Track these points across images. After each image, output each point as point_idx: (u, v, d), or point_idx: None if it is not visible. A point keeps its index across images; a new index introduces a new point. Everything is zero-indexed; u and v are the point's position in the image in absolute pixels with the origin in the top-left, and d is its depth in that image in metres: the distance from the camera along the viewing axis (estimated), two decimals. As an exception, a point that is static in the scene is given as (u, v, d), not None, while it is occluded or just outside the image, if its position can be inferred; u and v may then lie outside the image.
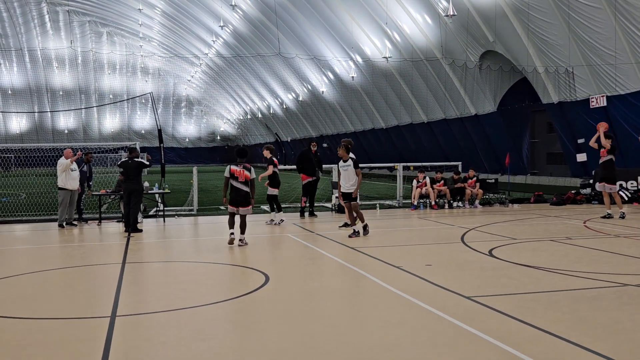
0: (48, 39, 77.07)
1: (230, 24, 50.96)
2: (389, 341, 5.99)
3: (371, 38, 39.07)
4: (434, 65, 35.66)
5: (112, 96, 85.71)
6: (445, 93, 36.90)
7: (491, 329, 6.24)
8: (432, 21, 33.24)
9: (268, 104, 67.72)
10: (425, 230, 14.85)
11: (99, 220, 17.15)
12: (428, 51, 35.05)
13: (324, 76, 49.53)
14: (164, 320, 6.93)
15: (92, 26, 77.37)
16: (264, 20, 46.30)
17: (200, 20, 55.16)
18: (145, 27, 66.42)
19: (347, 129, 54.25)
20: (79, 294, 8.56)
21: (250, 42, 52.21)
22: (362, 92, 46.22)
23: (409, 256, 10.92)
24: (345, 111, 51.97)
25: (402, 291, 8.00)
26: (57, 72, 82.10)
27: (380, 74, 41.34)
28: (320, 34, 42.86)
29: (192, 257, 11.57)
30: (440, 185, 20.09)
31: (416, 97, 40.32)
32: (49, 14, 74.19)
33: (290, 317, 7.03)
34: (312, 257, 10.97)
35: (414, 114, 42.18)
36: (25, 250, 13.04)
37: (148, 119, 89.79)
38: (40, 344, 6.10)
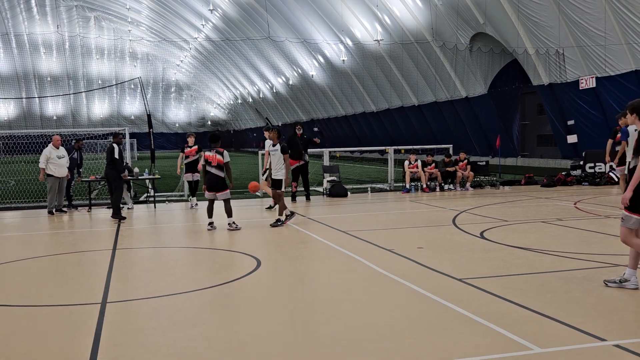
0: (35, 24, 76.26)
1: (220, 7, 50.58)
2: (380, 323, 5.98)
3: (361, 21, 38.87)
4: (424, 48, 35.55)
5: (101, 81, 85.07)
6: (435, 76, 36.83)
7: (482, 311, 6.25)
8: (422, 3, 33.08)
9: (258, 88, 67.43)
10: (416, 213, 14.85)
11: (89, 207, 17.06)
12: (418, 34, 34.91)
13: (314, 60, 49.31)
14: (155, 306, 6.90)
15: (80, 11, 76.63)
16: (253, 3, 45.97)
17: (189, 4, 54.70)
18: (134, 11, 65.82)
19: (337, 113, 54.14)
20: (69, 281, 8.51)
21: (240, 26, 51.84)
22: (352, 76, 46.06)
23: (400, 239, 10.92)
24: (335, 95, 51.83)
25: (393, 274, 8.00)
26: (44, 58, 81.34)
27: (370, 57, 41.18)
28: (310, 17, 42.60)
29: (183, 242, 11.53)
30: (432, 168, 20.09)
31: (407, 80, 40.24)
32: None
33: (282, 300, 7.02)
34: (303, 241, 10.95)
35: (404, 97, 42.12)
36: (15, 238, 12.94)
37: (137, 104, 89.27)
38: (30, 332, 6.05)
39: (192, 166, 16.86)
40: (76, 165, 17.44)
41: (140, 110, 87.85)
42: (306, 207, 16.58)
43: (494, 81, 34.53)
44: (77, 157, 17.39)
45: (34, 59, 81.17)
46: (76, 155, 17.35)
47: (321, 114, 57.94)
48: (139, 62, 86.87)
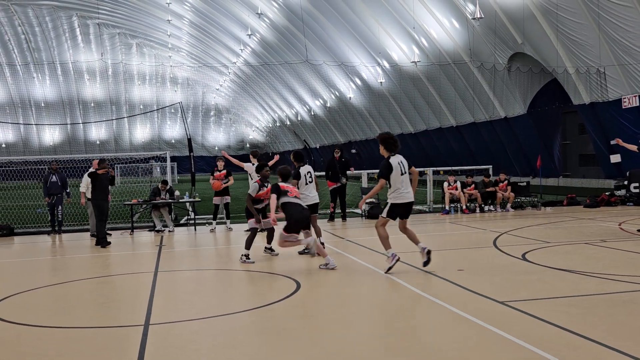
0: (79, 52, 78.45)
1: (258, 32, 51.32)
2: (421, 347, 5.93)
3: (398, 43, 38.98)
4: (462, 69, 35.43)
5: (143, 106, 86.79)
6: (473, 96, 36.62)
7: (526, 334, 6.14)
8: (459, 24, 33.04)
9: (296, 111, 67.93)
10: (456, 235, 14.71)
11: (131, 230, 17.34)
12: (456, 54, 34.82)
13: (351, 82, 49.53)
14: (197, 328, 6.97)
15: (122, 38, 78.56)
16: (291, 27, 46.52)
17: (227, 30, 55.64)
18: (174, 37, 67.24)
19: (375, 134, 54.12)
20: (113, 303, 8.66)
21: (278, 49, 52.47)
22: (389, 97, 46.09)
23: (440, 261, 10.82)
24: (373, 116, 51.89)
25: (434, 297, 7.92)
26: (88, 84, 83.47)
27: (407, 78, 41.19)
28: (347, 40, 42.90)
29: (223, 265, 11.62)
30: (471, 189, 19.91)
31: (444, 101, 40.08)
32: (79, 27, 75.54)
33: (323, 323, 7.02)
34: (343, 264, 10.94)
35: (442, 118, 41.94)
36: (60, 260, 13.24)
37: (178, 128, 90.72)
38: (77, 353, 6.17)
39: (221, 190, 17.01)
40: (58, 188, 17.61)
41: (181, 134, 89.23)
42: (344, 228, 16.58)
43: (533, 101, 34.15)
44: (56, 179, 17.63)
45: (78, 86, 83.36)
46: (55, 179, 17.61)
47: (359, 135, 58.01)
48: (180, 87, 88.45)
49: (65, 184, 17.75)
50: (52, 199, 17.48)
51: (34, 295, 9.11)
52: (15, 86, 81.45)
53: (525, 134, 34.94)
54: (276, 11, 46.27)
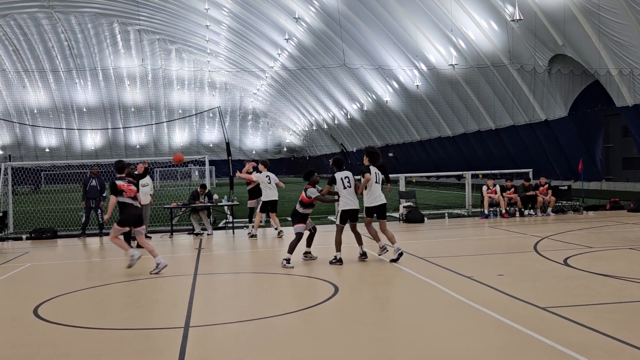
0: (120, 58, 79.94)
1: (295, 36, 51.54)
2: (460, 353, 5.87)
3: (436, 46, 38.71)
4: (501, 71, 35.00)
5: (181, 111, 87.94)
6: (513, 99, 36.14)
7: (568, 341, 6.03)
8: (498, 26, 32.66)
9: (333, 114, 67.98)
10: (496, 239, 14.52)
11: (171, 233, 17.56)
12: (494, 57, 34.43)
13: (388, 85, 49.37)
14: (236, 330, 7.02)
15: (162, 44, 79.77)
16: (328, 31, 46.61)
17: (265, 34, 56.02)
18: (212, 42, 67.98)
19: (412, 138, 53.84)
20: (154, 305, 8.77)
21: (315, 53, 52.62)
22: (427, 100, 45.80)
23: (480, 266, 10.70)
24: (410, 120, 51.62)
25: (474, 301, 7.83)
26: (128, 89, 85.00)
27: (445, 81, 40.87)
28: (384, 43, 42.78)
29: (261, 268, 11.68)
30: (511, 193, 19.64)
31: (483, 104, 39.65)
32: (120, 33, 76.97)
33: (361, 328, 6.99)
34: (380, 268, 10.90)
35: (481, 121, 41.48)
36: (101, 263, 13.49)
37: (216, 132, 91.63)
38: (118, 354, 6.27)
39: (256, 192, 16.97)
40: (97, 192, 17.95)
41: (219, 138, 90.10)
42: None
43: (574, 103, 33.54)
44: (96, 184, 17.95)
45: (119, 91, 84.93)
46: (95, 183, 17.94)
47: (396, 139, 57.75)
48: (218, 92, 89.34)
49: (103, 189, 18.10)
50: (92, 202, 17.81)
51: (76, 297, 9.29)
52: (58, 92, 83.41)
53: (567, 136, 34.33)
54: (313, 15, 46.42)
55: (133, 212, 11.44)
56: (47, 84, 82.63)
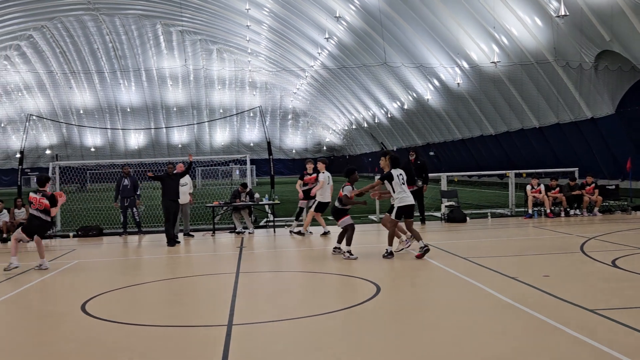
0: (162, 59, 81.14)
1: (335, 35, 51.52)
2: (505, 355, 5.77)
3: (478, 43, 38.21)
4: (545, 68, 34.34)
5: (222, 110, 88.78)
6: (558, 96, 35.43)
7: (618, 344, 5.87)
8: (542, 22, 32.05)
9: (373, 113, 67.74)
10: (540, 240, 14.26)
11: (213, 231, 17.74)
12: (539, 54, 33.79)
13: (429, 83, 48.95)
14: (279, 329, 7.04)
15: (203, 44, 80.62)
16: (368, 30, 46.45)
17: (305, 34, 56.16)
18: (253, 42, 68.43)
19: (454, 137, 53.29)
20: (197, 303, 8.87)
21: (355, 52, 52.51)
22: (469, 98, 45.25)
23: (524, 266, 10.53)
24: (451, 118, 51.09)
25: (519, 303, 7.69)
26: (171, 90, 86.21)
27: (487, 79, 40.31)
28: (425, 41, 42.42)
29: (302, 267, 11.71)
30: (556, 192, 19.26)
31: (526, 102, 38.97)
32: (163, 34, 78.11)
33: (403, 328, 6.94)
34: (422, 267, 10.81)
35: (524, 119, 40.79)
36: (144, 260, 13.70)
37: (256, 131, 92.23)
38: (163, 350, 6.36)
39: (308, 193, 17.00)
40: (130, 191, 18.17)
41: (259, 137, 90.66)
42: (422, 232, 16.37)
43: (622, 100, 32.67)
44: (128, 183, 18.18)
45: (161, 91, 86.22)
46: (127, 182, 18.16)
47: (437, 137, 57.24)
48: (258, 91, 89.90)
49: (136, 187, 18.39)
50: (125, 202, 18.10)
51: (122, 294, 9.46)
52: (103, 92, 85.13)
53: (614, 135, 33.48)
54: (354, 14, 46.31)
55: (34, 224, 12.06)
56: (93, 85, 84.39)
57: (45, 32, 73.70)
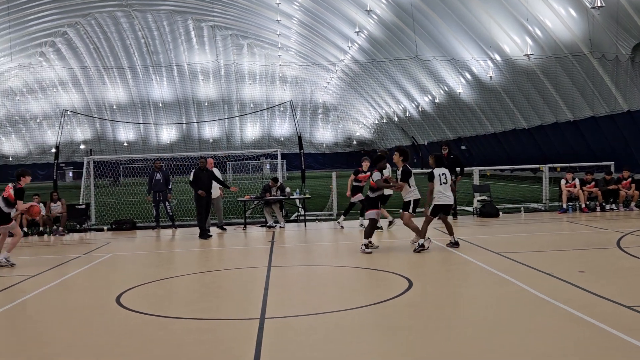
0: (194, 54, 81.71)
1: (365, 29, 51.30)
2: (539, 351, 5.69)
3: (510, 35, 37.69)
4: (580, 61, 33.74)
5: (253, 105, 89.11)
6: (593, 89, 34.78)
7: (658, 342, 5.75)
8: (577, 14, 31.47)
9: (404, 107, 67.36)
10: (575, 235, 14.04)
11: (244, 225, 17.84)
12: (573, 46, 33.21)
13: (460, 77, 48.47)
14: (312, 323, 7.05)
15: (234, 39, 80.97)
16: (399, 23, 46.13)
17: (335, 28, 56.02)
18: (283, 37, 68.52)
19: (486, 130, 52.72)
20: (229, 296, 8.94)
21: (385, 46, 52.23)
22: (501, 92, 44.70)
23: (559, 262, 10.37)
24: (483, 112, 50.53)
25: (554, 298, 7.58)
26: (202, 85, 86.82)
27: (521, 72, 39.76)
28: (456, 34, 41.99)
29: (334, 261, 11.71)
30: (591, 186, 18.93)
31: (561, 95, 38.34)
32: (194, 29, 78.63)
33: (436, 322, 6.89)
34: (454, 262, 10.72)
35: (558, 113, 40.15)
36: (178, 254, 13.84)
37: (287, 125, 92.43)
38: (197, 343, 6.41)
39: (361, 189, 16.75)
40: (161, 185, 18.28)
41: (289, 132, 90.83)
42: (455, 226, 16.23)
43: (659, 93, 31.97)
44: (160, 177, 18.29)
45: (193, 86, 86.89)
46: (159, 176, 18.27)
47: (469, 131, 56.68)
48: (288, 85, 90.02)
49: (168, 181, 18.54)
50: (158, 196, 18.27)
51: (155, 287, 9.57)
52: (135, 88, 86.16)
53: (651, 128, 32.78)
54: (384, 7, 46.03)
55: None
56: (125, 80, 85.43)
57: (79, 28, 74.77)
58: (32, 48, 73.61)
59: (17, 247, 15.24)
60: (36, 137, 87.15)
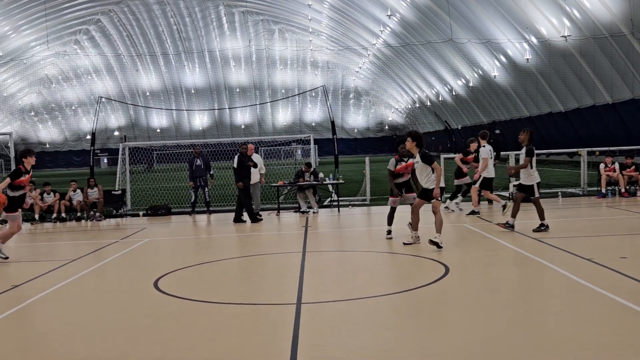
0: (225, 40, 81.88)
1: (397, 12, 50.75)
2: (584, 338, 5.55)
3: (547, 17, 36.91)
4: (619, 42, 32.88)
5: (284, 90, 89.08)
6: (633, 71, 33.90)
7: None
8: (616, -6, 30.67)
9: (437, 91, 66.66)
10: (615, 220, 13.72)
11: (278, 211, 17.85)
12: (613, 26, 32.37)
13: (495, 60, 47.69)
14: (348, 308, 7.00)
15: (265, 24, 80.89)
16: (432, 5, 45.52)
17: (367, 11, 55.52)
18: (315, 21, 68.21)
19: (521, 114, 51.90)
20: (265, 281, 8.94)
21: (418, 29, 51.62)
22: (537, 75, 43.88)
23: (599, 247, 10.14)
24: (519, 95, 49.70)
25: (595, 285, 7.40)
26: (234, 70, 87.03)
27: (557, 54, 38.96)
28: (491, 15, 41.27)
29: (368, 246, 11.64)
30: (632, 170, 18.48)
31: (599, 77, 37.47)
32: (226, 15, 78.75)
33: (475, 309, 6.78)
34: (492, 248, 10.56)
35: (597, 95, 39.26)
36: (212, 239, 13.92)
37: (318, 111, 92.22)
38: (233, 328, 6.42)
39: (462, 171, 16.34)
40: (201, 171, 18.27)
41: (321, 117, 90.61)
42: (490, 211, 16.03)
43: (702, 74, 31.04)
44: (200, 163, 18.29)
45: (224, 72, 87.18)
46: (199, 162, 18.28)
47: (503, 115, 55.87)
48: (320, 70, 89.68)
49: (208, 167, 18.56)
50: (198, 181, 18.32)
51: (192, 272, 9.62)
52: (168, 74, 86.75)
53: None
54: (417, -10, 45.50)
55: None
56: (158, 67, 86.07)
57: (112, 16, 75.45)
58: (67, 36, 74.52)
59: (56, 232, 15.50)
60: (72, 124, 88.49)
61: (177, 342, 6.00)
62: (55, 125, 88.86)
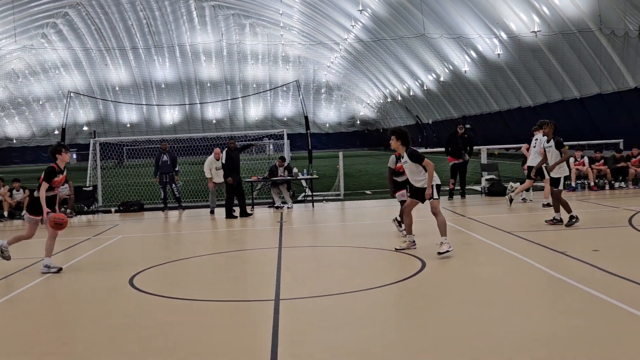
0: (196, 34, 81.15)
1: (369, 7, 50.82)
2: (561, 332, 5.63)
3: (517, 13, 37.32)
4: (587, 37, 33.39)
5: (256, 85, 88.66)
6: (600, 66, 34.46)
7: (680, 322, 5.69)
8: (584, -10, 31.12)
9: (408, 86, 66.98)
10: (586, 213, 13.92)
11: (252, 206, 17.78)
12: (581, 22, 32.84)
13: (466, 55, 48.08)
14: (326, 304, 7.00)
15: (236, 19, 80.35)
16: (403, 1, 45.67)
17: (338, 6, 55.48)
18: (286, 16, 67.92)
19: (491, 109, 52.44)
20: (244, 277, 8.90)
21: (389, 24, 51.77)
22: (507, 70, 44.37)
23: (571, 240, 10.31)
24: (489, 90, 50.20)
25: (570, 278, 7.51)
26: (204, 65, 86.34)
27: (527, 49, 39.43)
28: (461, 11, 41.57)
29: (343, 241, 11.65)
30: (600, 164, 18.81)
31: (567, 72, 38.03)
32: (196, 9, 78.02)
33: (452, 303, 6.84)
34: (466, 242, 10.66)
35: (565, 90, 39.86)
36: (187, 235, 13.81)
37: (290, 106, 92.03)
38: (214, 325, 6.38)
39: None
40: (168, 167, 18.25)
41: (293, 112, 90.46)
42: (463, 205, 16.18)
43: (668, 69, 31.68)
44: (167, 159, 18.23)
45: (195, 67, 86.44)
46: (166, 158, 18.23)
47: (474, 110, 56.39)
48: (291, 65, 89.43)
49: (175, 163, 18.48)
50: (165, 177, 18.21)
51: (168, 268, 9.54)
52: (138, 69, 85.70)
53: (659, 105, 32.54)
54: (388, -15, 45.61)
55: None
56: (128, 62, 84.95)
57: (80, 9, 74.20)
58: (34, 30, 73.11)
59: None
60: (39, 120, 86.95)
61: (155, 340, 5.93)
62: (23, 120, 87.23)
